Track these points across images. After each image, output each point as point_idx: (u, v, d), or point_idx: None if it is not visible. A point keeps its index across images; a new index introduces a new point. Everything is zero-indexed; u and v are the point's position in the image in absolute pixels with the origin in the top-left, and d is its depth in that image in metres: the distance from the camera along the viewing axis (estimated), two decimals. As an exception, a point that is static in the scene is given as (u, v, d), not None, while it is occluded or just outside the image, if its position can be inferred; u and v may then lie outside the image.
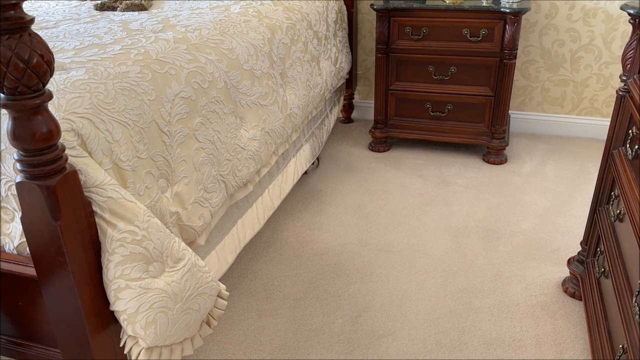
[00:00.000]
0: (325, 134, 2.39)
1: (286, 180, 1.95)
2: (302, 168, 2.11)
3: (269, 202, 1.80)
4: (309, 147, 2.17)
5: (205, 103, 1.34)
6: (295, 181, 2.03)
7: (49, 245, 0.94)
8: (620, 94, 1.39)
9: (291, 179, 2.00)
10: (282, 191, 1.91)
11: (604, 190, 1.49)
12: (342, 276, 1.77)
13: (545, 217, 2.07)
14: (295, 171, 2.04)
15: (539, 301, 1.64)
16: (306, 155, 2.14)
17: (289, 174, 1.98)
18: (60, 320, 1.04)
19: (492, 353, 1.45)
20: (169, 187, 1.22)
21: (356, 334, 1.53)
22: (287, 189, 1.95)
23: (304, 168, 2.13)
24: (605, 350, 1.22)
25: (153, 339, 1.04)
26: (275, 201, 1.85)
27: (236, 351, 1.48)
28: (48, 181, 0.88)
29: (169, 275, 1.05)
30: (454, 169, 2.47)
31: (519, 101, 2.82)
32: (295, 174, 2.04)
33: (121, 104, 1.10)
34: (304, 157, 2.13)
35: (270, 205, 1.81)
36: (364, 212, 2.14)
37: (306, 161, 2.15)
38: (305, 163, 2.14)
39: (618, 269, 1.21)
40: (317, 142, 2.27)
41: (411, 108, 2.55)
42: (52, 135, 0.86)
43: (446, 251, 1.89)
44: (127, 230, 0.99)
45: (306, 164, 2.15)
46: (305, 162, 2.14)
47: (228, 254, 1.54)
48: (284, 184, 1.93)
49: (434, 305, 1.63)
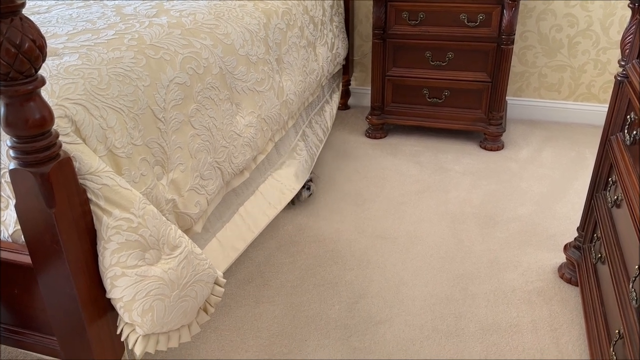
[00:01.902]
0: (329, 120, 2.37)
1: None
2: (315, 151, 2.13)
3: (278, 185, 1.80)
4: (312, 133, 2.15)
5: (200, 89, 1.32)
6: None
7: (43, 233, 0.93)
8: (618, 80, 1.38)
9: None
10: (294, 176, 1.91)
11: (601, 176, 1.48)
12: (339, 263, 1.77)
13: (542, 204, 2.08)
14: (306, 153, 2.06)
15: (535, 287, 1.64)
16: (314, 140, 2.14)
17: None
18: (57, 308, 1.03)
19: (488, 338, 1.46)
20: (164, 174, 1.21)
21: (353, 320, 1.53)
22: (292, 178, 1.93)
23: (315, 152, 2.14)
24: (602, 335, 1.22)
25: (150, 326, 1.04)
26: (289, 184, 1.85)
27: (233, 337, 1.48)
28: (42, 168, 0.87)
29: (165, 263, 1.05)
30: (450, 155, 2.47)
31: (516, 87, 2.81)
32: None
33: (115, 90, 1.08)
34: (313, 142, 2.14)
35: (284, 188, 1.81)
36: (360, 199, 2.13)
37: (315, 145, 2.15)
38: (314, 147, 2.14)
39: (615, 254, 1.21)
40: (321, 128, 2.26)
41: (408, 94, 2.54)
42: (46, 121, 0.85)
43: (443, 238, 1.89)
44: (122, 218, 0.98)
45: (316, 147, 2.15)
46: (315, 146, 2.15)
47: (235, 241, 1.53)
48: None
49: (430, 291, 1.63)
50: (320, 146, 2.18)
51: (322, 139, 2.21)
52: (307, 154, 2.02)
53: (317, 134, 2.20)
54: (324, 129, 2.28)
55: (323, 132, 2.26)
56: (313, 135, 2.14)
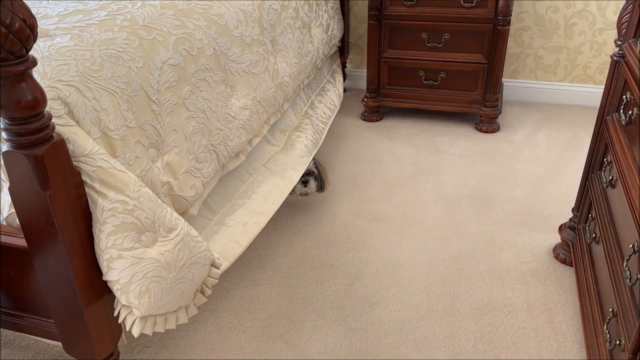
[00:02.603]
0: (336, 99, 2.34)
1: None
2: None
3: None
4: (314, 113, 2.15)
5: (194, 71, 1.31)
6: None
7: (38, 216, 0.93)
8: (614, 59, 1.38)
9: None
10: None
11: (597, 157, 1.49)
12: (335, 245, 1.78)
13: (537, 185, 2.08)
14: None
15: (530, 267, 1.65)
16: (325, 108, 2.15)
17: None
18: (53, 291, 1.03)
19: (483, 318, 1.47)
20: (159, 156, 1.21)
21: (349, 301, 1.54)
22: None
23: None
24: (596, 313, 1.24)
25: (147, 308, 1.04)
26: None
27: (231, 319, 1.49)
28: (35, 150, 0.86)
29: (162, 245, 1.05)
30: (446, 137, 2.47)
31: (512, 69, 2.80)
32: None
33: (108, 72, 1.07)
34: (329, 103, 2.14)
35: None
36: (356, 181, 2.13)
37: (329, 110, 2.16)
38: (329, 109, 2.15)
39: (609, 234, 1.22)
40: (326, 106, 2.24)
41: (404, 76, 2.52)
42: (38, 103, 0.84)
43: (438, 219, 1.89)
44: (117, 200, 0.98)
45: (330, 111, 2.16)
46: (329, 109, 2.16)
47: (258, 216, 1.55)
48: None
49: (426, 273, 1.64)
50: (329, 123, 2.17)
51: (330, 115, 2.20)
52: (313, 133, 2.01)
53: (321, 113, 2.18)
54: (331, 107, 2.26)
55: (330, 109, 2.24)
56: (316, 115, 2.13)
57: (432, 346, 1.39)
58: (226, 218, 1.51)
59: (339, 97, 2.39)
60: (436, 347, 1.39)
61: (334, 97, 2.34)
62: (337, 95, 2.38)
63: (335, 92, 2.38)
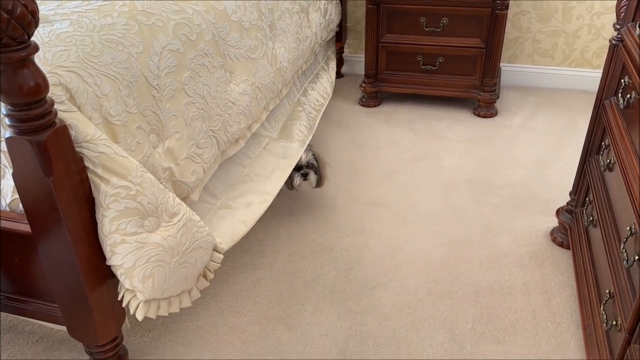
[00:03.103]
0: (328, 86, 2.34)
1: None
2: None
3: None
4: (307, 101, 2.14)
5: (193, 56, 1.31)
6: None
7: (42, 202, 0.94)
8: (613, 43, 1.38)
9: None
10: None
11: (594, 140, 1.50)
12: (335, 230, 1.79)
13: (535, 169, 2.10)
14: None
15: (527, 251, 1.67)
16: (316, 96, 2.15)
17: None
18: (57, 276, 1.04)
19: (481, 300, 1.49)
20: (160, 142, 1.21)
21: (349, 285, 1.56)
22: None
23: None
24: (592, 295, 1.26)
25: (151, 292, 1.06)
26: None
27: (232, 303, 1.51)
28: (38, 136, 0.87)
29: (164, 230, 1.06)
30: (444, 123, 2.47)
31: (510, 53, 2.80)
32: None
33: (108, 57, 1.07)
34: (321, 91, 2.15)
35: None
36: (355, 167, 2.14)
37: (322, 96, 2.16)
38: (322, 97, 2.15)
39: (607, 217, 1.24)
40: (319, 94, 2.24)
41: (402, 61, 2.52)
42: (40, 88, 0.84)
43: (437, 204, 1.91)
44: (120, 186, 0.99)
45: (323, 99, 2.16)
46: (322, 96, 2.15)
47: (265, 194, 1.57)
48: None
49: (424, 256, 1.66)
50: (322, 110, 2.16)
51: (322, 103, 2.19)
52: (307, 120, 2.01)
53: (314, 100, 2.18)
54: (324, 95, 2.26)
55: (323, 97, 2.24)
56: (309, 102, 2.13)
57: (430, 328, 1.41)
58: (229, 201, 1.52)
59: (332, 85, 2.39)
60: (435, 329, 1.41)
61: (326, 84, 2.34)
62: (330, 82, 2.38)
63: (328, 80, 2.38)
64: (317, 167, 1.83)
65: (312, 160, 1.83)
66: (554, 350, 1.34)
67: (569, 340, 1.36)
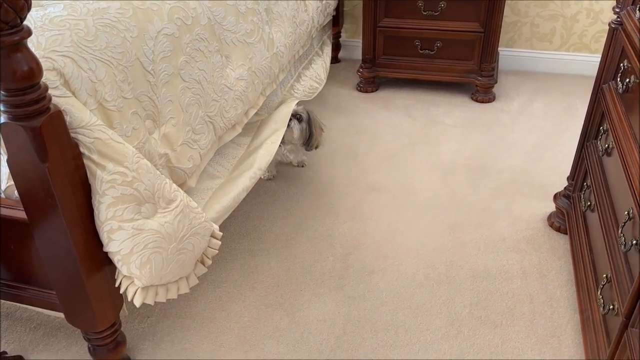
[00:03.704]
0: (322, 73, 2.31)
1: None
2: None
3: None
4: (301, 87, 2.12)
5: (189, 40, 1.29)
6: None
7: (37, 188, 0.93)
8: (612, 27, 1.37)
9: None
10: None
11: (593, 125, 1.49)
12: (332, 216, 1.79)
13: (533, 154, 2.09)
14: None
15: (524, 235, 1.67)
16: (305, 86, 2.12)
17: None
18: (54, 263, 1.04)
19: (479, 285, 1.50)
20: (156, 128, 1.20)
21: (347, 271, 1.56)
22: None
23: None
24: (589, 280, 1.26)
25: (149, 279, 1.05)
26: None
27: (230, 289, 1.51)
28: (33, 122, 0.86)
29: (161, 216, 1.05)
30: (442, 108, 2.46)
31: (508, 37, 2.78)
32: None
33: (103, 42, 1.05)
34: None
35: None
36: (352, 152, 2.13)
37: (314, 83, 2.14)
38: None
39: (605, 202, 1.24)
40: (313, 80, 2.21)
41: (400, 46, 2.50)
42: (34, 73, 0.83)
43: (434, 189, 1.90)
44: (116, 172, 0.98)
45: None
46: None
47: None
48: None
49: (422, 242, 1.66)
50: (315, 93, 2.14)
51: (317, 87, 2.17)
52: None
53: (308, 87, 2.16)
54: (318, 80, 2.24)
55: (317, 82, 2.22)
56: (302, 89, 2.11)
57: (428, 313, 1.42)
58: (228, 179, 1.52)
59: (326, 71, 2.37)
60: (433, 313, 1.42)
61: (320, 70, 2.32)
62: (324, 68, 2.35)
63: (322, 66, 2.36)
64: (309, 123, 1.77)
65: (302, 113, 1.77)
66: (551, 335, 1.34)
67: (566, 324, 1.37)
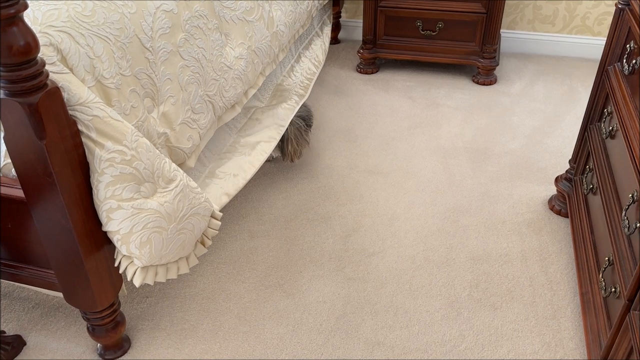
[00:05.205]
0: (321, 54, 2.29)
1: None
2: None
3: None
4: (300, 68, 2.09)
5: (188, 17, 1.27)
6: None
7: (35, 166, 0.91)
8: (619, 7, 1.35)
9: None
10: None
11: (596, 107, 1.48)
12: (332, 198, 1.78)
13: (533, 137, 2.08)
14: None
15: (525, 219, 1.67)
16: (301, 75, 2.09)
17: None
18: (52, 242, 1.03)
19: (478, 268, 1.50)
20: (155, 106, 1.18)
21: (347, 253, 1.56)
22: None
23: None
24: (591, 262, 1.26)
25: (148, 259, 1.04)
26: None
27: (230, 270, 1.50)
28: (30, 98, 0.84)
29: (161, 196, 1.04)
30: (443, 90, 2.44)
31: (510, 19, 2.74)
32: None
33: (100, 17, 1.03)
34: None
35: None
36: (352, 135, 2.12)
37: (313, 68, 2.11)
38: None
39: (607, 184, 1.23)
40: (312, 62, 2.18)
41: (401, 27, 2.47)
42: (30, 48, 0.81)
43: (435, 172, 1.89)
44: (115, 150, 0.96)
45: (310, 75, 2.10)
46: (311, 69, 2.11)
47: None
48: None
49: (422, 224, 1.66)
50: (313, 79, 2.12)
51: (314, 72, 2.15)
52: (299, 89, 1.97)
53: (306, 69, 2.14)
54: (316, 63, 2.21)
55: (315, 65, 2.19)
56: (301, 71, 2.09)
57: (428, 295, 1.42)
58: (216, 170, 1.49)
59: (325, 52, 2.33)
60: (432, 295, 1.42)
61: (319, 51, 2.29)
62: (322, 50, 2.32)
63: (321, 47, 2.32)
64: (287, 137, 1.72)
65: (294, 124, 1.74)
66: (551, 317, 1.35)
67: (566, 306, 1.37)
